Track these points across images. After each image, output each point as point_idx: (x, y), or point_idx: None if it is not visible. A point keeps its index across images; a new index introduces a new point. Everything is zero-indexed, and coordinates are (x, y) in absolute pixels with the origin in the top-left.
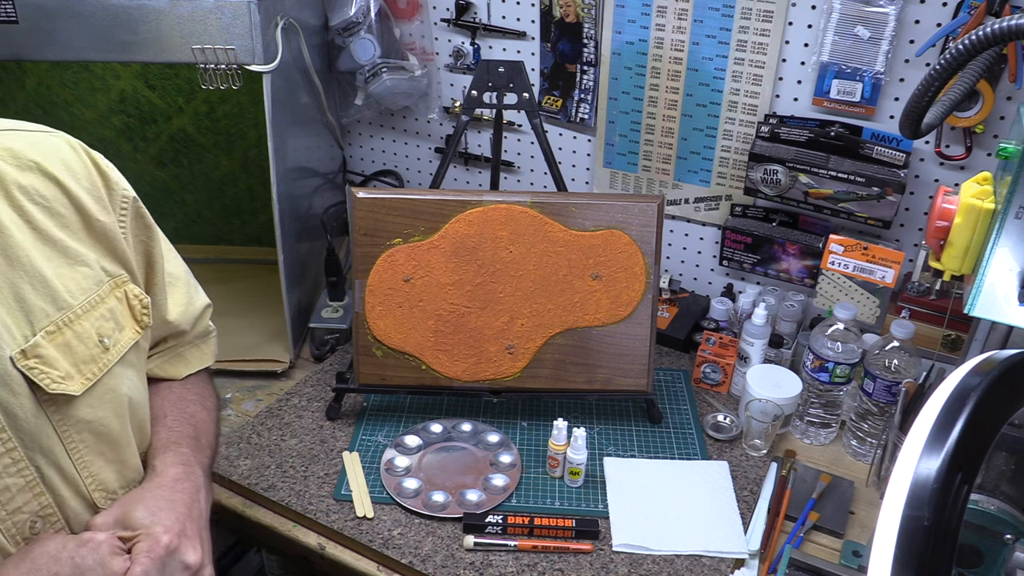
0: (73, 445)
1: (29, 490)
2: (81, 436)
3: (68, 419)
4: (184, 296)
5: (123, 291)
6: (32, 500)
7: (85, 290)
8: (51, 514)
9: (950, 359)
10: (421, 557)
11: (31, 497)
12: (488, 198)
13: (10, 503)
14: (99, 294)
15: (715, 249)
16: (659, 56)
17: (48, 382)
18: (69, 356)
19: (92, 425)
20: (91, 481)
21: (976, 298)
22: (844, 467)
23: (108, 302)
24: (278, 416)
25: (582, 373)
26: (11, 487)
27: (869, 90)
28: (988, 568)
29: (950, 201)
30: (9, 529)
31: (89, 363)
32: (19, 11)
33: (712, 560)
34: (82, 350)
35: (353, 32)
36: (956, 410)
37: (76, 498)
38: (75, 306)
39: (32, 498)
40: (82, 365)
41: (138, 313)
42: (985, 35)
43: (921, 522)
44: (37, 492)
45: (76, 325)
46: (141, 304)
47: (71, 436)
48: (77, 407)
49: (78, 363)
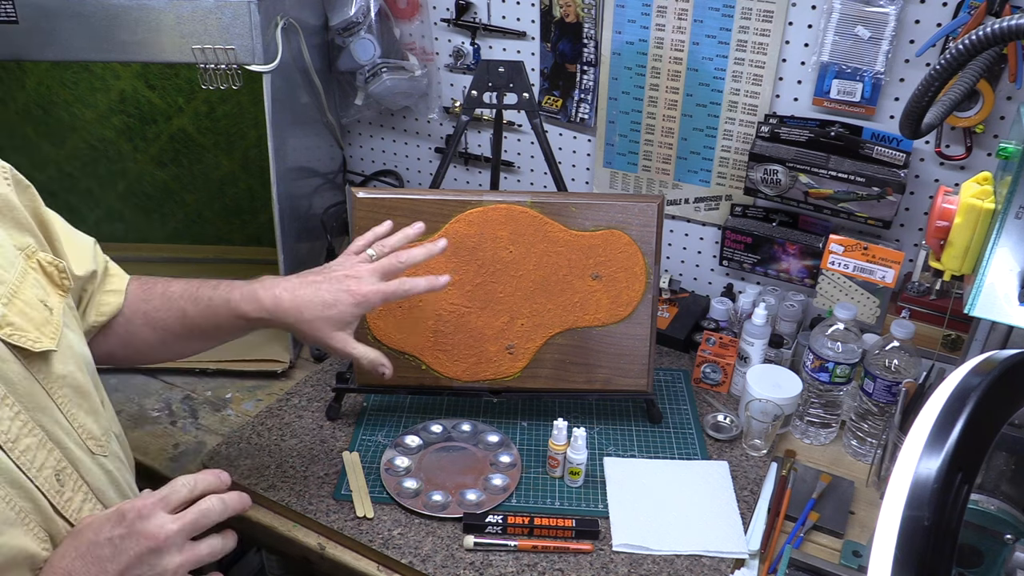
0: (61, 400)
1: (43, 447)
2: (63, 391)
3: (50, 376)
4: (77, 245)
5: (35, 261)
6: (48, 456)
7: (11, 262)
8: (65, 467)
9: (950, 359)
10: (421, 557)
11: (46, 453)
12: (488, 198)
13: (35, 461)
14: (21, 268)
15: (715, 249)
16: (659, 56)
17: (29, 343)
18: (30, 322)
19: (67, 380)
20: (82, 431)
21: (976, 298)
22: (844, 467)
23: (30, 273)
24: (278, 416)
25: (582, 373)
26: (31, 447)
27: (869, 90)
28: (988, 568)
29: (950, 201)
30: (43, 485)
31: (46, 324)
32: (19, 11)
33: (712, 560)
34: (36, 315)
35: (353, 32)
36: (956, 410)
37: (78, 449)
38: (11, 279)
39: (47, 454)
40: (42, 327)
41: (57, 279)
42: (985, 35)
43: (921, 522)
44: (50, 448)
45: (21, 295)
46: (58, 269)
47: (56, 392)
48: (54, 364)
49: (39, 326)
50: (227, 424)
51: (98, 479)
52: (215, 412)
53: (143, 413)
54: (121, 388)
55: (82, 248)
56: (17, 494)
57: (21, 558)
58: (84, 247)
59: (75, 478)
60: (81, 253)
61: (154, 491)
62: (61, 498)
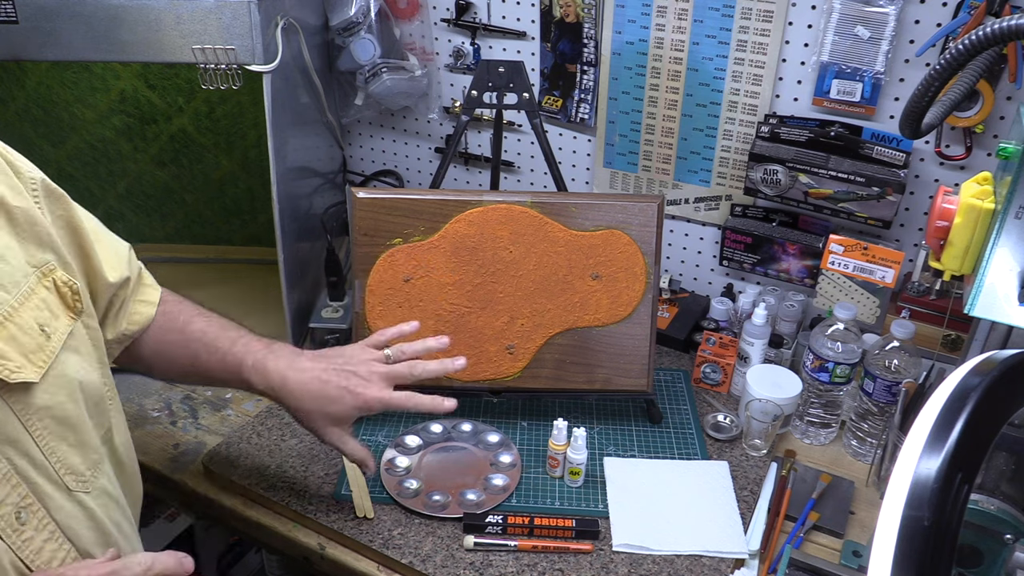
0: (38, 433)
1: (6, 482)
2: (44, 423)
3: (29, 408)
4: (111, 250)
5: (51, 280)
6: (11, 492)
7: (16, 283)
8: (31, 504)
9: (950, 359)
10: (421, 557)
11: (9, 489)
12: (488, 198)
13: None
14: (29, 286)
15: (715, 249)
16: (659, 56)
17: (7, 373)
18: (17, 348)
19: (52, 411)
20: (60, 466)
21: (976, 298)
22: (844, 467)
23: (39, 292)
24: (278, 416)
25: (582, 373)
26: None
27: (869, 90)
28: (988, 568)
29: (950, 201)
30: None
31: (37, 352)
32: (19, 11)
33: (712, 560)
34: (27, 340)
35: (353, 32)
36: (956, 410)
37: (50, 484)
38: (10, 300)
39: (11, 489)
40: (31, 355)
41: (69, 300)
42: (985, 35)
43: (921, 522)
44: (14, 483)
45: (16, 317)
46: (72, 291)
47: (34, 424)
48: (36, 395)
49: (27, 353)
50: (227, 424)
51: (70, 517)
52: (215, 412)
53: (143, 413)
54: (121, 388)
55: (117, 253)
56: None
57: None
58: (119, 252)
59: (40, 515)
60: (116, 259)
61: (108, 562)
62: (19, 538)
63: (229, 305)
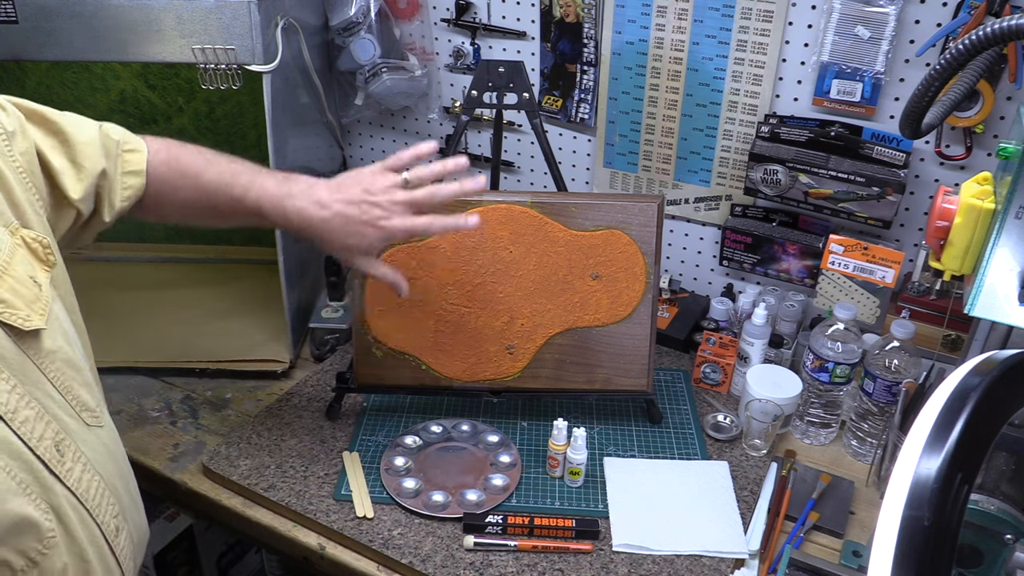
0: (53, 375)
1: (40, 420)
2: (56, 365)
3: (41, 352)
4: (85, 153)
5: (19, 238)
6: (47, 428)
7: (2, 240)
8: (64, 439)
9: (950, 359)
10: (421, 557)
11: (44, 425)
12: (488, 198)
13: (35, 431)
14: (9, 245)
15: (715, 249)
16: (659, 56)
17: (20, 321)
18: (19, 298)
19: (58, 354)
20: (76, 403)
21: (976, 298)
22: (844, 467)
23: (18, 251)
24: (278, 416)
25: (582, 373)
26: (30, 418)
27: (869, 90)
28: (988, 568)
29: (950, 201)
30: (44, 454)
31: (35, 301)
32: (19, 11)
33: (712, 560)
34: (25, 291)
35: (353, 32)
36: (956, 410)
37: (72, 420)
38: (1, 257)
39: (45, 426)
40: (32, 304)
41: (42, 255)
42: (985, 35)
43: (921, 522)
44: (47, 420)
45: (11, 271)
46: (42, 245)
47: (48, 367)
48: (43, 340)
49: (28, 303)
50: (227, 424)
51: (95, 450)
52: (215, 412)
53: (143, 413)
54: (121, 388)
55: (90, 150)
56: (18, 465)
57: (25, 526)
58: (91, 147)
59: (73, 448)
60: (92, 156)
61: None
62: (62, 468)
63: (229, 305)
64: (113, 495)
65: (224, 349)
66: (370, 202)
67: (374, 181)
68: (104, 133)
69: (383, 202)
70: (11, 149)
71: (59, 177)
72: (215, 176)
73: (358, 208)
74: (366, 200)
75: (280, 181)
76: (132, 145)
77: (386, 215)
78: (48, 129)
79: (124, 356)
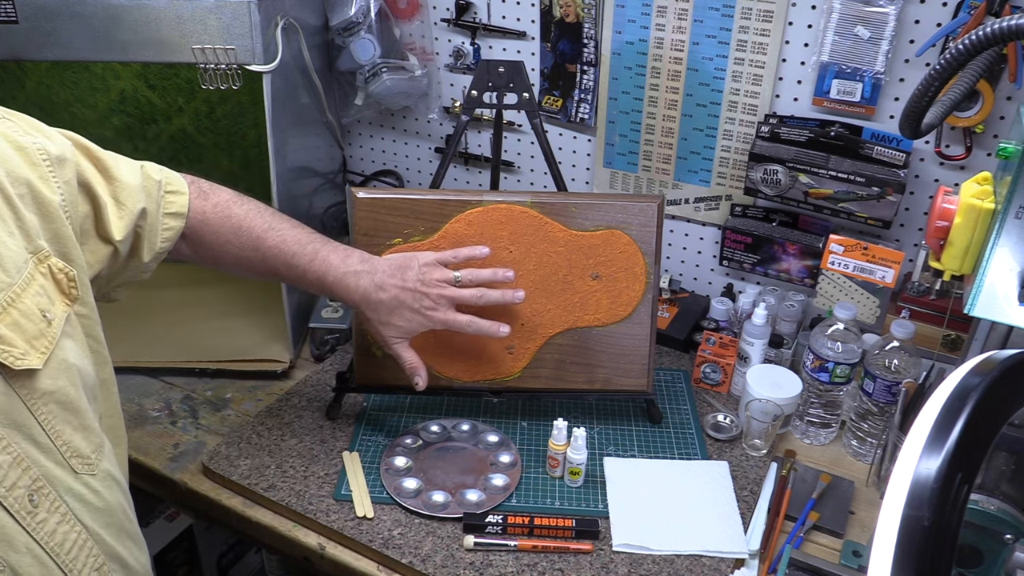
0: (44, 417)
1: (17, 466)
2: (48, 408)
3: (34, 393)
4: (127, 192)
5: (47, 266)
6: (23, 475)
7: (18, 268)
8: (43, 487)
9: (950, 359)
10: (421, 557)
11: (20, 472)
12: (488, 198)
13: (6, 479)
14: (29, 271)
15: (715, 249)
16: (659, 56)
17: (12, 360)
18: (21, 334)
19: (55, 396)
20: (66, 449)
21: (976, 298)
22: (844, 467)
23: (37, 279)
24: (278, 416)
25: (582, 373)
26: (3, 464)
27: (869, 90)
28: (988, 568)
29: (950, 201)
30: (12, 505)
31: (39, 338)
32: (19, 11)
33: (712, 560)
34: (30, 327)
35: (353, 32)
36: (956, 410)
37: (58, 468)
38: (14, 284)
39: (22, 473)
40: (34, 341)
41: (65, 287)
42: (985, 35)
43: (921, 522)
44: (25, 467)
45: (19, 303)
46: (67, 278)
47: (40, 409)
48: (40, 380)
49: (30, 339)
50: (227, 424)
51: (79, 500)
52: (215, 412)
53: (143, 413)
54: (121, 388)
55: (132, 188)
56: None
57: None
58: (133, 186)
59: (52, 498)
60: (133, 195)
61: None
62: (33, 520)
63: (229, 305)
64: (98, 545)
65: (224, 349)
66: (422, 292)
67: (430, 272)
68: (145, 174)
69: (434, 295)
70: (56, 176)
71: (103, 211)
72: (276, 242)
73: (411, 295)
74: (419, 290)
75: (343, 257)
76: (175, 186)
77: (434, 307)
78: (95, 164)
79: (124, 356)
